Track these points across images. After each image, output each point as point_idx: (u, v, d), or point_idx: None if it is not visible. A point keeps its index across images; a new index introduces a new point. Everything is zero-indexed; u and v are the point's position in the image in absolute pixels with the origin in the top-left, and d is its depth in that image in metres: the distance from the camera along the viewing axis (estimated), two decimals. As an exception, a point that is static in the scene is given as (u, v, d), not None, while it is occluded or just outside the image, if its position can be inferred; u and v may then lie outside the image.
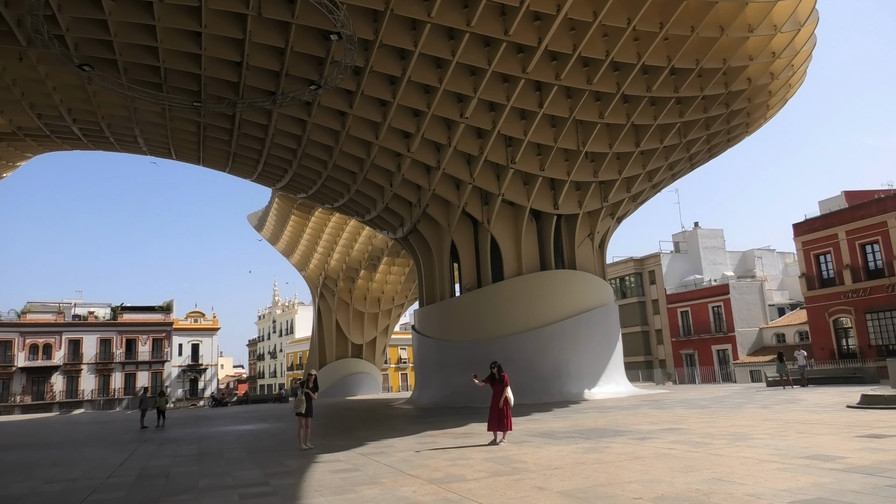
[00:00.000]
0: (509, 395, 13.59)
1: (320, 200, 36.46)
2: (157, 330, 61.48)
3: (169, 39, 21.72)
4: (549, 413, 20.64)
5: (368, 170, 29.51)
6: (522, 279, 29.84)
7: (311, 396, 14.62)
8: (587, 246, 32.16)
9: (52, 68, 23.85)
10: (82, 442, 19.61)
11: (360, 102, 25.27)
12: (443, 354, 31.10)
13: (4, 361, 54.70)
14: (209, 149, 30.87)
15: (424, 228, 32.34)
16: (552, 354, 28.83)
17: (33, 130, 29.36)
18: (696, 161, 34.12)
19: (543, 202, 30.14)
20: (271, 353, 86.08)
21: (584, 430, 14.65)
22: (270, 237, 54.61)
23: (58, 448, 17.81)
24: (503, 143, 28.01)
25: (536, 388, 28.01)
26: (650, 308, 54.23)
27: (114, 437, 21.23)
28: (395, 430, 17.63)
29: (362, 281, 54.44)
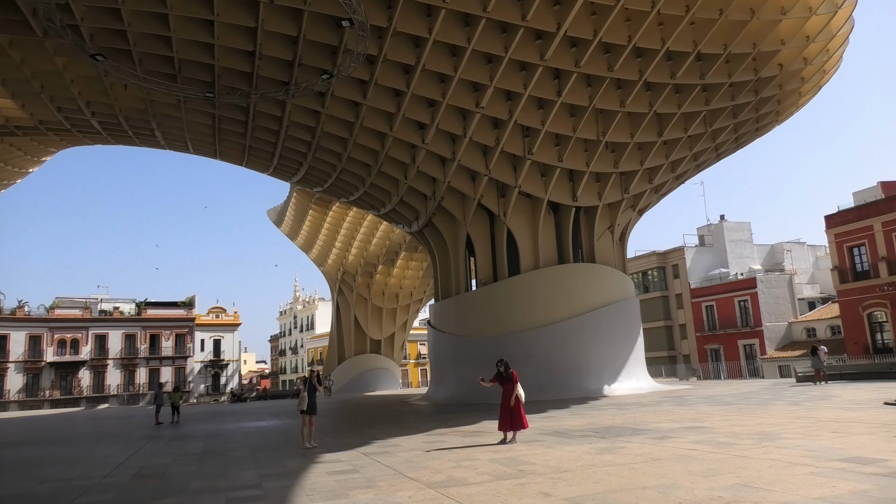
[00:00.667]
0: (520, 392, 12.99)
1: (336, 194, 36.11)
2: (180, 325, 61.91)
3: (182, 29, 21.43)
4: (566, 410, 19.99)
5: (383, 162, 29.03)
6: (540, 273, 29.15)
7: (316, 391, 14.14)
8: (607, 239, 31.33)
9: (69, 60, 23.74)
10: (94, 438, 19.47)
11: (374, 92, 24.78)
12: (458, 350, 30.55)
13: (34, 356, 55.51)
14: (225, 142, 30.66)
15: (440, 221, 31.79)
16: (571, 350, 28.12)
17: (54, 124, 29.38)
18: (723, 151, 33.05)
19: (561, 194, 29.39)
20: (292, 348, 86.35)
21: (600, 429, 14.00)
22: (289, 232, 54.52)
23: (68, 445, 17.66)
24: (520, 133, 27.32)
25: (555, 384, 27.34)
26: (674, 302, 53.07)
27: (127, 433, 21.10)
28: (405, 428, 17.15)
29: (380, 276, 54.09)
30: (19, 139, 31.18)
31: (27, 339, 55.59)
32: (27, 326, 55.80)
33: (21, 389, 54.61)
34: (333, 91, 24.81)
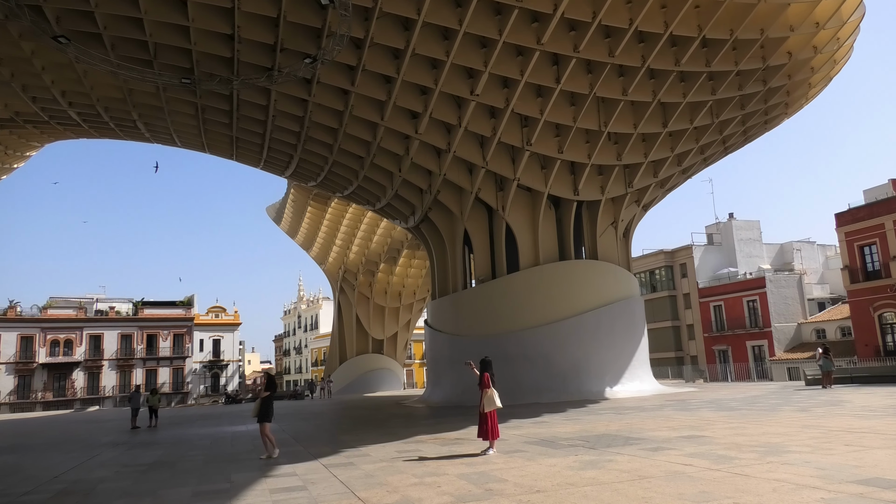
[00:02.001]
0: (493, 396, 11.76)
1: (329, 188, 34.99)
2: (179, 325, 60.96)
3: (153, 10, 20.31)
4: (561, 414, 18.70)
5: (375, 154, 27.85)
6: (539, 270, 27.87)
7: (274, 393, 12.95)
8: (610, 235, 30.00)
9: (38, 46, 22.68)
10: (53, 445, 18.39)
11: (363, 79, 23.61)
12: (455, 350, 29.28)
13: (26, 357, 54.64)
14: (211, 134, 29.59)
15: (436, 216, 30.57)
16: (570, 350, 26.84)
17: (31, 116, 28.42)
18: (731, 145, 31.62)
19: (562, 187, 28.10)
20: (297, 348, 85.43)
21: (591, 437, 12.72)
22: (289, 230, 53.51)
23: (18, 453, 16.57)
24: (518, 123, 26.06)
25: (553, 386, 26.10)
26: (681, 302, 51.55)
27: (94, 438, 20.02)
28: (384, 434, 15.95)
29: (382, 274, 52.97)
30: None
31: (18, 340, 54.70)
32: (19, 327, 54.89)
33: (12, 391, 53.73)
34: (320, 78, 23.67)
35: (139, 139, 33.19)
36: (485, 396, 11.90)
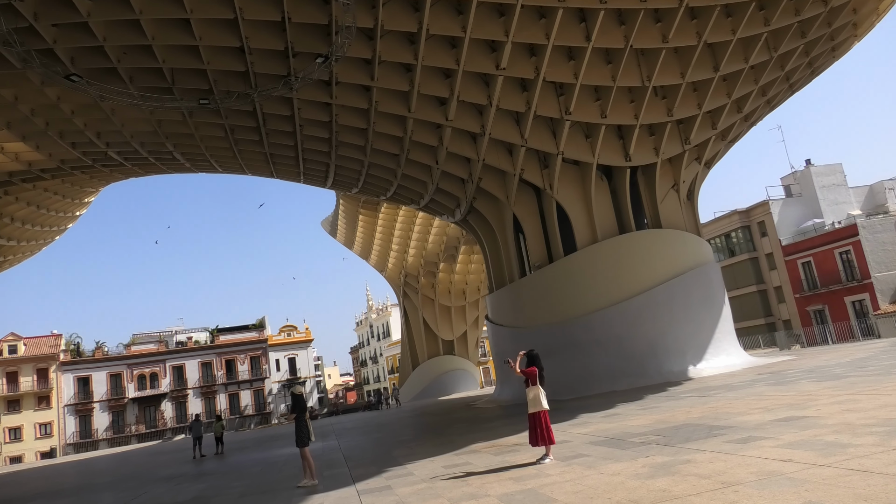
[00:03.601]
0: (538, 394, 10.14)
1: (372, 192, 34.00)
2: (253, 348, 61.85)
3: (160, 34, 19.73)
4: (637, 403, 16.78)
5: (409, 149, 26.57)
6: (599, 247, 25.83)
7: (305, 414, 11.73)
8: (672, 199, 27.56)
9: (62, 91, 22.69)
10: (113, 484, 18.10)
11: (382, 71, 22.35)
12: (519, 344, 27.34)
13: (117, 394, 56.78)
14: (245, 153, 29.11)
15: (482, 206, 28.98)
16: (644, 329, 24.66)
17: (75, 162, 28.72)
18: (796, 81, 28.54)
19: (612, 155, 25.95)
20: (372, 358, 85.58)
21: (667, 430, 10.89)
22: (345, 241, 53.15)
23: (77, 495, 16.22)
24: (553, 92, 24.17)
25: (630, 370, 24.03)
26: (765, 263, 47.73)
27: (153, 473, 19.63)
28: (439, 445, 14.58)
29: (443, 274, 51.76)
30: (49, 182, 30.83)
31: (108, 378, 56.91)
32: (107, 366, 57.16)
33: (108, 427, 55.98)
34: (339, 77, 22.60)
35: (182, 170, 33.26)
36: (529, 396, 10.32)
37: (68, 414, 55.27)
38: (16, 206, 32.04)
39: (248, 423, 57.54)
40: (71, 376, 56.00)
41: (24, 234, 35.18)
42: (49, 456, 52.92)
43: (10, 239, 34.85)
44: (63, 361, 56.23)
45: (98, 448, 53.10)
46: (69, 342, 58.17)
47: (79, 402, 55.76)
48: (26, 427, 54.20)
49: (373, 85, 22.84)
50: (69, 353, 57.18)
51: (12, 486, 23.68)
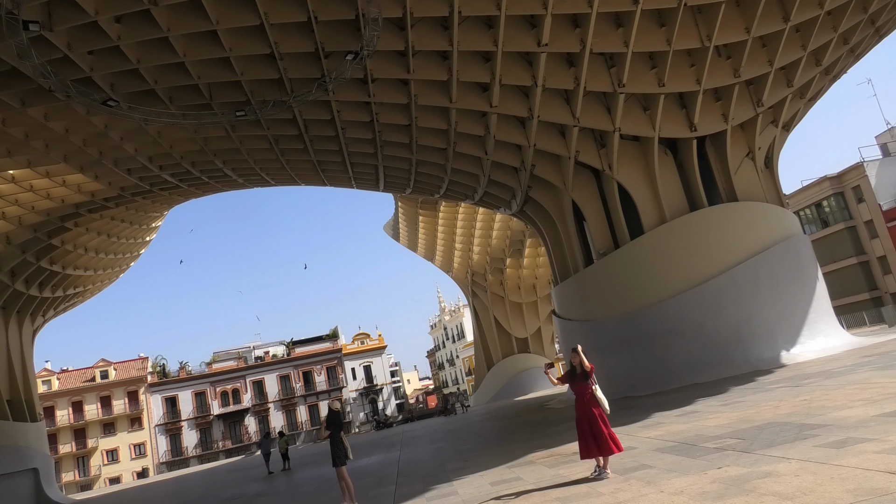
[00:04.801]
0: (601, 396, 8.69)
1: (425, 191, 33.07)
2: (329, 358, 62.42)
3: (191, 49, 19.48)
4: (719, 397, 14.90)
5: (456, 141, 25.43)
6: (668, 227, 23.80)
7: (341, 431, 10.74)
8: (748, 169, 25.12)
9: (109, 118, 22.92)
10: None
11: (418, 62, 21.33)
12: (589, 337, 25.83)
13: (202, 411, 58.68)
14: (293, 163, 28.83)
15: (538, 194, 27.43)
16: (726, 314, 22.47)
17: (133, 188, 29.26)
18: (883, 24, 25.49)
19: (675, 126, 23.87)
20: (449, 360, 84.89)
21: (748, 431, 9.21)
22: (408, 243, 52.60)
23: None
24: (603, 64, 22.40)
25: (713, 359, 21.93)
26: (864, 232, 43.45)
27: (214, 495, 19.33)
28: (495, 455, 13.34)
29: (511, 270, 50.28)
30: (115, 211, 31.61)
31: (193, 397, 58.88)
32: (192, 385, 59.13)
33: (196, 444, 57.81)
34: (374, 74, 21.74)
35: (237, 187, 33.48)
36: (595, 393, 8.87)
37: (159, 433, 57.52)
38: (87, 237, 33.10)
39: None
40: (159, 397, 58.29)
41: (98, 263, 36.41)
42: (142, 476, 55.18)
43: (87, 269, 36.13)
44: (151, 383, 58.62)
45: (189, 465, 54.91)
46: (155, 364, 60.60)
47: (168, 421, 57.93)
48: (122, 448, 56.80)
49: (410, 78, 21.85)
50: (156, 374, 59.54)
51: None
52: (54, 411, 55.80)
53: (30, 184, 26.32)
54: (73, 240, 32.53)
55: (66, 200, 28.51)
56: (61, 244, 31.95)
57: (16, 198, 27.08)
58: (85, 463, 56.16)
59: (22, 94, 19.82)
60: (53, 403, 55.85)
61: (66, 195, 28.06)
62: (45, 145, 23.36)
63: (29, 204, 27.88)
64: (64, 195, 27.98)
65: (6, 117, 20.99)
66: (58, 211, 29.04)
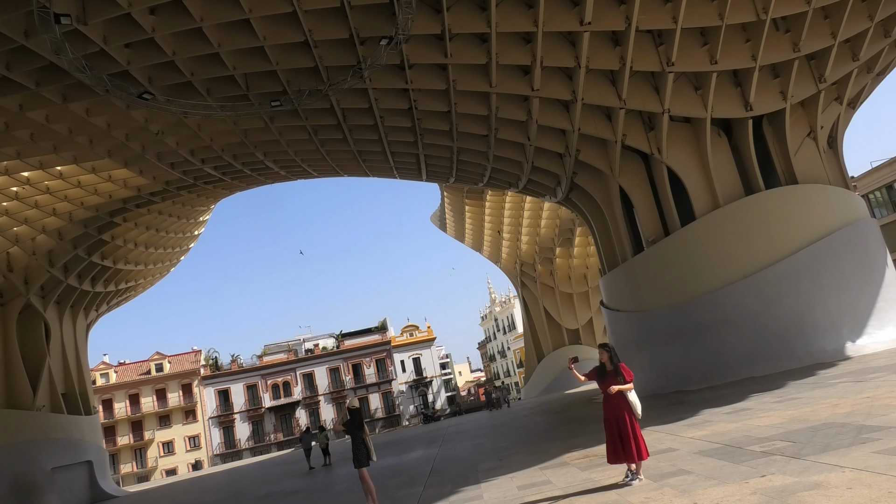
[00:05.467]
0: (633, 399, 7.94)
1: (468, 180, 32.43)
2: (378, 350, 62.62)
3: (225, 39, 19.35)
4: (775, 393, 13.82)
5: (497, 127, 24.70)
6: (721, 213, 22.48)
7: (362, 431, 10.32)
8: (810, 149, 23.47)
9: (149, 113, 23.12)
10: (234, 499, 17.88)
11: (456, 46, 20.69)
12: (639, 329, 24.85)
13: (254, 404, 59.77)
14: (333, 154, 28.65)
15: (584, 180, 26.41)
16: (786, 303, 21.06)
17: (178, 182, 29.66)
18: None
19: (729, 106, 22.47)
20: (500, 352, 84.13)
21: (801, 432, 8.29)
22: (455, 234, 52.05)
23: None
24: (650, 42, 21.24)
25: (771, 352, 20.61)
26: (943, 216, 40.43)
27: (254, 490, 19.38)
28: (529, 455, 12.76)
29: (561, 259, 49.12)
30: (162, 205, 32.19)
31: (245, 390, 60.02)
32: (243, 378, 60.28)
33: (249, 437, 58.96)
34: (410, 59, 21.23)
35: (279, 179, 33.61)
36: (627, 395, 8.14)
37: (213, 426, 58.95)
38: (136, 232, 33.84)
39: (374, 428, 58.21)
40: (212, 389, 59.69)
41: (148, 257, 37.25)
42: (196, 468, 56.70)
43: (137, 263, 37.01)
44: (204, 376, 60.07)
45: (241, 457, 56.06)
46: (208, 357, 62.03)
47: (221, 413, 59.29)
48: (177, 440, 58.52)
49: (448, 62, 21.23)
50: (208, 367, 60.94)
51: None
52: (112, 404, 57.94)
53: (77, 179, 26.91)
54: (123, 235, 33.29)
55: (114, 196, 29.12)
56: (111, 239, 32.75)
57: (65, 194, 27.78)
58: (142, 455, 58.12)
59: (63, 90, 20.12)
60: (111, 396, 57.99)
61: (112, 190, 28.64)
62: (89, 141, 23.78)
63: (78, 200, 28.58)
64: (111, 190, 28.57)
65: (50, 113, 21.38)
66: (106, 206, 29.71)
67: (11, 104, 20.20)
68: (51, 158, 24.69)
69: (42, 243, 30.72)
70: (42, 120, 21.51)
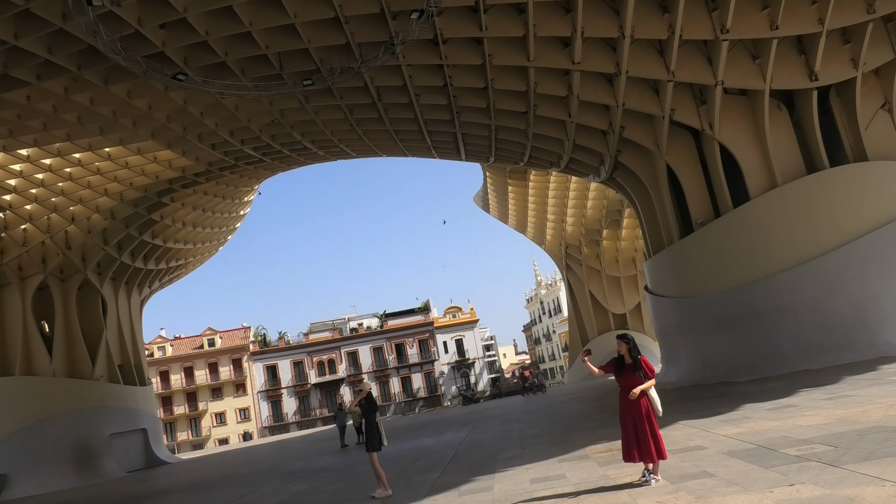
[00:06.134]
0: (653, 395, 7.17)
1: (508, 160, 31.50)
2: (421, 331, 62.69)
3: (256, 17, 19.05)
4: (828, 388, 12.67)
5: (536, 104, 23.69)
6: (779, 193, 20.95)
7: (375, 414, 9.93)
8: (883, 123, 21.58)
9: (187, 94, 23.17)
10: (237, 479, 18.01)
11: (491, 18, 19.78)
12: (685, 315, 23.61)
13: (300, 380, 60.94)
14: (370, 133, 28.22)
15: (629, 159, 25.13)
16: (848, 291, 19.53)
17: (220, 163, 29.86)
18: None
19: (790, 75, 20.81)
20: (545, 335, 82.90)
21: (845, 436, 7.33)
22: (498, 214, 51.10)
23: (196, 491, 16.18)
24: (703, 7, 19.82)
25: (830, 343, 19.15)
26: None
27: (285, 465, 19.41)
28: (554, 445, 12.11)
29: (608, 242, 47.60)
30: (206, 186, 32.55)
31: (292, 366, 61.19)
32: (290, 354, 61.46)
33: (296, 411, 60.23)
34: (444, 33, 20.43)
35: (318, 160, 33.49)
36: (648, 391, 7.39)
37: (262, 400, 60.46)
38: (184, 212, 34.43)
39: (415, 407, 58.44)
40: (261, 365, 61.17)
41: (196, 236, 37.92)
42: (246, 439, 58.43)
43: (186, 242, 37.74)
44: (253, 352, 61.59)
45: (289, 430, 57.48)
46: (257, 333, 63.43)
47: (269, 388, 60.76)
48: (228, 412, 60.40)
49: (483, 35, 20.36)
50: (257, 343, 62.37)
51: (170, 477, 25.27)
52: (169, 376, 60.19)
53: (125, 161, 27.42)
54: (171, 214, 33.92)
55: (160, 176, 29.58)
56: (160, 219, 33.43)
57: (115, 175, 28.39)
58: (197, 424, 60.23)
59: (104, 73, 20.29)
60: (168, 368, 60.22)
61: (159, 171, 29.08)
62: (133, 122, 24.06)
63: (127, 181, 29.17)
64: (157, 171, 29.01)
65: (94, 96, 21.67)
66: (154, 187, 30.25)
67: (57, 87, 20.57)
68: (98, 140, 25.20)
69: (96, 222, 31.66)
70: (87, 103, 21.84)
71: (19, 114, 21.34)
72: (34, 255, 30.51)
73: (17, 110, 21.06)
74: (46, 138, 23.79)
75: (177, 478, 23.35)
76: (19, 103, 20.53)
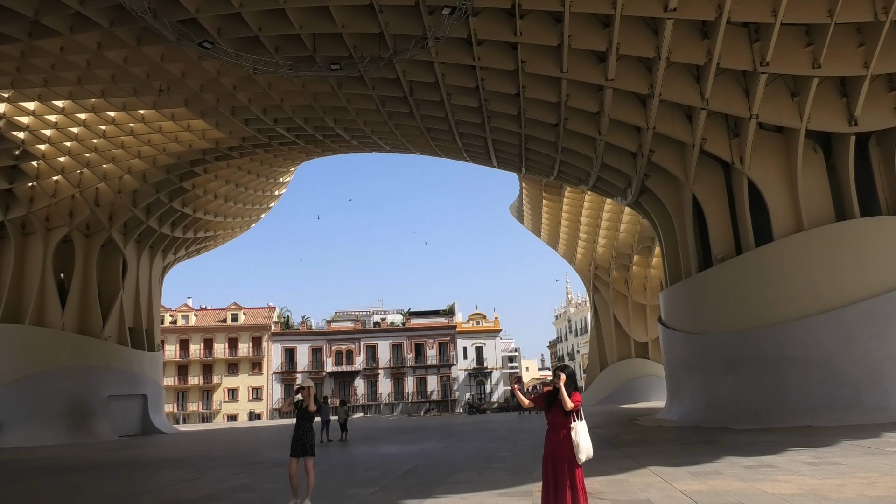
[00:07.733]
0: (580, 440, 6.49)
1: (538, 171, 30.99)
2: (442, 334, 62.23)
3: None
4: (818, 450, 11.91)
5: (567, 117, 23.23)
6: (805, 237, 20.02)
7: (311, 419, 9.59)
8: (925, 177, 20.43)
9: (221, 66, 23.42)
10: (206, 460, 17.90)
11: (526, 24, 19.50)
12: (693, 352, 22.78)
13: (317, 367, 61.12)
14: (402, 128, 28.12)
15: (655, 184, 24.42)
16: (866, 348, 18.55)
17: (253, 139, 30.20)
18: None
19: (830, 117, 19.91)
20: (569, 354, 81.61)
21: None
22: (532, 227, 50.50)
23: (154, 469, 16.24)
24: (744, 36, 19.12)
25: (839, 401, 18.24)
26: None
27: (260, 454, 19.29)
28: (509, 475, 11.67)
29: (637, 268, 46.54)
30: (239, 161, 33.00)
31: (310, 352, 61.49)
32: (310, 339, 61.75)
33: (308, 397, 60.16)
34: (478, 34, 20.21)
35: (352, 149, 33.60)
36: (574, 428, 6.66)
37: (276, 381, 60.92)
38: (216, 184, 34.96)
39: (420, 410, 58.07)
40: (279, 346, 61.65)
41: (227, 210, 38.45)
42: (252, 418, 58.90)
43: (217, 215, 38.31)
44: (274, 332, 62.12)
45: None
46: (280, 315, 63.96)
47: (284, 370, 61.14)
48: (241, 389, 61.01)
49: (517, 41, 20.06)
50: (279, 324, 62.89)
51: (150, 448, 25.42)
52: (189, 345, 61.16)
53: (159, 125, 27.92)
54: (203, 185, 34.48)
55: (193, 146, 30.07)
56: (192, 188, 34.00)
57: (148, 138, 28.95)
58: (209, 397, 61.05)
59: (137, 33, 20.62)
60: (188, 338, 61.19)
61: (192, 140, 29.57)
62: (167, 86, 24.43)
63: (160, 146, 29.73)
64: (190, 140, 29.50)
65: (128, 56, 22.04)
66: (187, 155, 30.77)
67: (90, 41, 20.97)
68: (132, 101, 25.69)
69: (127, 183, 32.33)
70: (121, 62, 22.25)
71: (54, 64, 21.82)
72: (62, 207, 31.26)
73: (51, 59, 21.54)
74: (81, 93, 24.34)
75: (154, 450, 23.48)
76: (53, 53, 21.00)
